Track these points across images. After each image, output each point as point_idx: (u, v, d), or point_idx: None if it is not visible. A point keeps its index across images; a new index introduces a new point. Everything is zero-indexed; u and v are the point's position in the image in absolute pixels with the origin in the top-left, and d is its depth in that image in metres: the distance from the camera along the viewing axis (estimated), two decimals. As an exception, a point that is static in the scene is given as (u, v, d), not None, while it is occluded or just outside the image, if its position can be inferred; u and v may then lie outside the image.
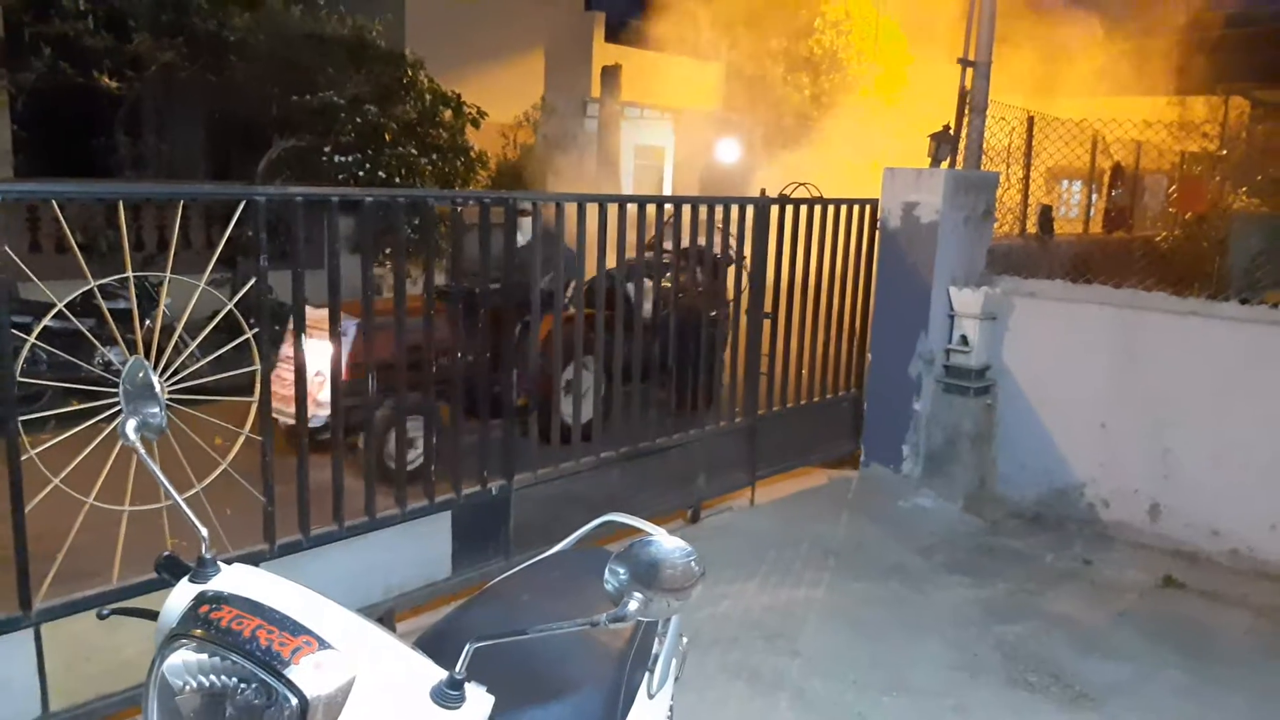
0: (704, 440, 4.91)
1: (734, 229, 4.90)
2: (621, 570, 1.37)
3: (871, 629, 3.89)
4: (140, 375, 1.63)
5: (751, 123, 21.63)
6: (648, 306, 5.28)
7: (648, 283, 5.37)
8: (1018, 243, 8.38)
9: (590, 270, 4.28)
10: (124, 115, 9.15)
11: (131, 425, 1.61)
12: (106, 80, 8.24)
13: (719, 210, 4.77)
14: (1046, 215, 10.85)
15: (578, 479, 4.35)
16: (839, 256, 5.49)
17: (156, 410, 1.63)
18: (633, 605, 1.36)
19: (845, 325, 5.65)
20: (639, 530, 2.41)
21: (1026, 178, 10.62)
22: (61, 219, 2.83)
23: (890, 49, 23.92)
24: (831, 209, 5.39)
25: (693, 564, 1.38)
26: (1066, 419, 5.22)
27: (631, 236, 4.64)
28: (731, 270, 5.53)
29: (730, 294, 5.70)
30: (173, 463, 3.03)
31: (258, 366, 3.19)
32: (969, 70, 6.25)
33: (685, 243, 4.75)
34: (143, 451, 1.60)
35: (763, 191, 5.14)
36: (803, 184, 5.45)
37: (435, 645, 1.73)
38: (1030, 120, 11.32)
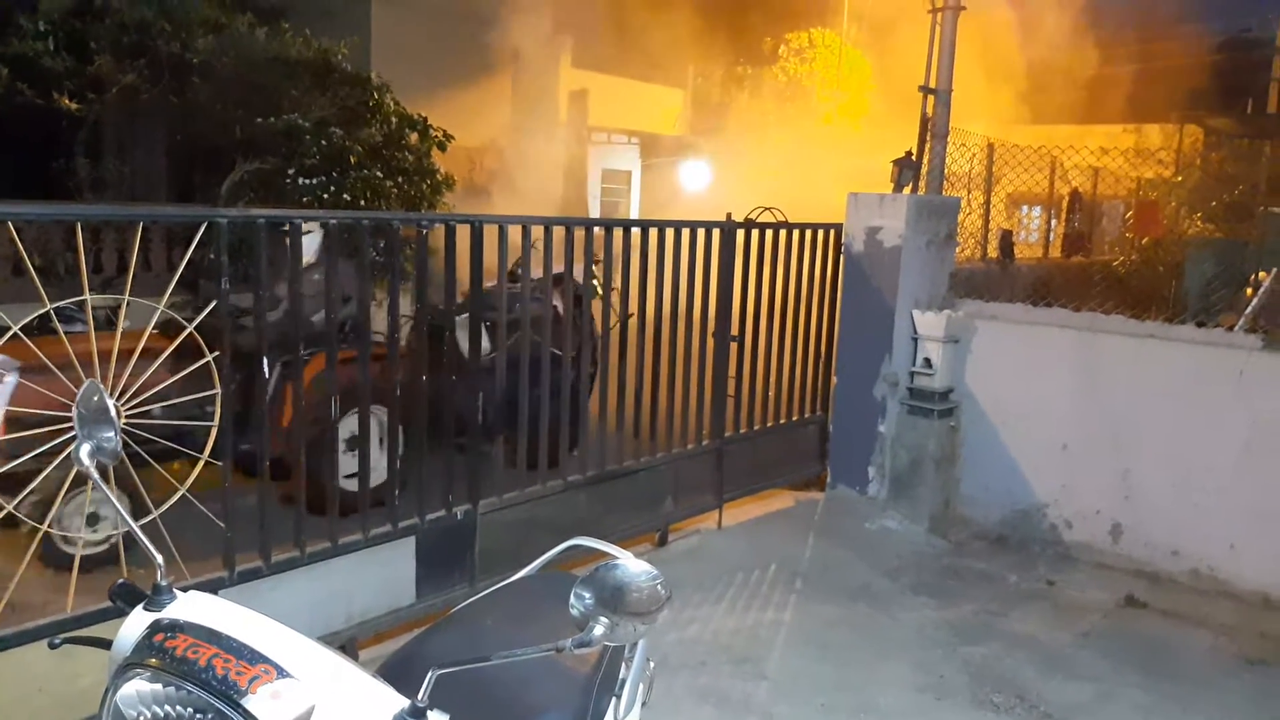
0: (671, 463, 4.91)
1: (600, 254, 4.47)
2: (587, 594, 1.36)
3: (839, 651, 3.88)
4: (95, 399, 1.60)
5: (717, 148, 21.83)
6: (486, 345, 4.56)
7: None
8: (979, 267, 8.51)
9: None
10: (84, 137, 9.04)
11: (85, 450, 1.58)
12: (66, 102, 8.13)
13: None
14: (1007, 240, 11.02)
15: (544, 503, 4.32)
16: (804, 280, 5.53)
17: (111, 435, 1.60)
18: (598, 630, 1.35)
19: (811, 348, 5.68)
20: (605, 554, 2.40)
21: (987, 203, 10.79)
22: (18, 241, 2.78)
23: (853, 76, 24.30)
24: (796, 233, 5.43)
25: (659, 587, 1.38)
26: (1028, 440, 5.28)
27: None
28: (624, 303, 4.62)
29: (603, 328, 4.98)
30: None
31: (218, 389, 3.14)
32: (930, 97, 6.36)
33: (540, 272, 4.17)
34: (97, 477, 1.56)
35: (728, 216, 5.17)
36: (768, 208, 5.49)
37: (397, 672, 1.70)
38: (990, 147, 11.53)
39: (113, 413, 1.60)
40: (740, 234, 5.16)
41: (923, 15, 6.53)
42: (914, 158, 6.22)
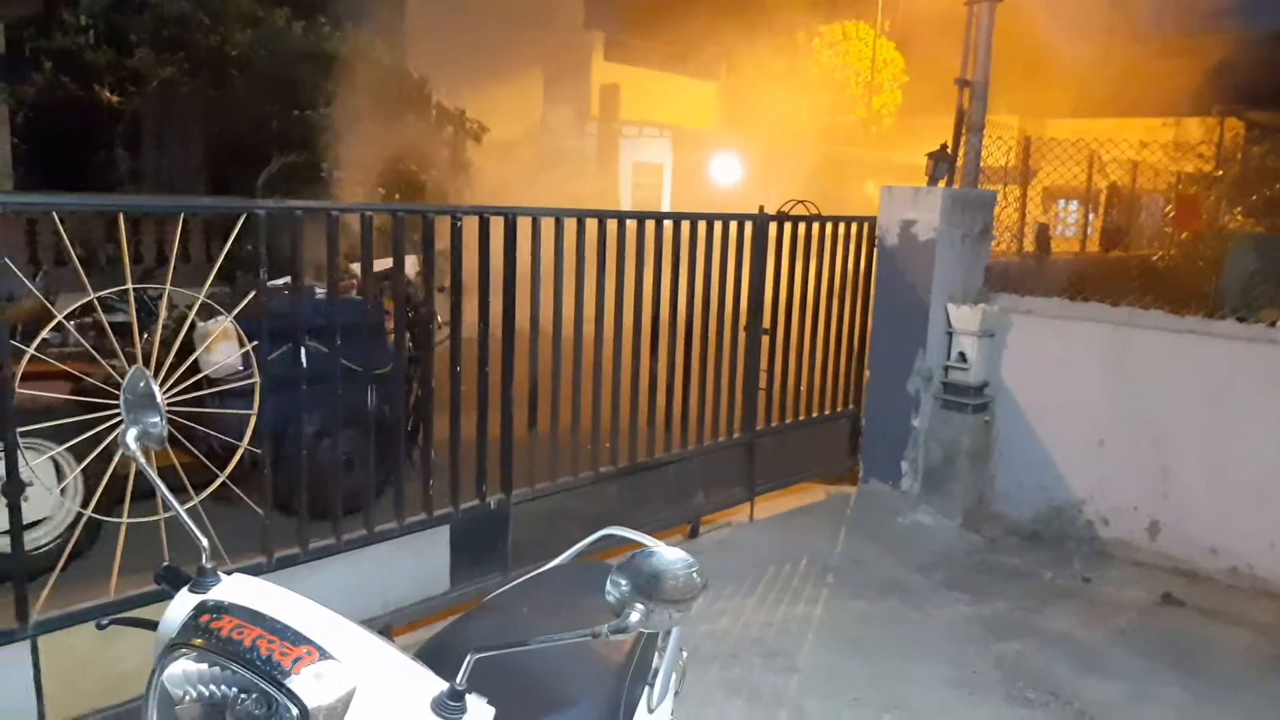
0: (702, 456, 4.91)
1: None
2: (623, 581, 1.37)
3: (870, 647, 3.87)
4: (141, 385, 1.63)
5: (749, 141, 21.75)
6: (223, 358, 4.05)
7: (220, 323, 4.06)
8: (1015, 261, 8.42)
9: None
10: (124, 129, 9.18)
11: (132, 435, 1.61)
12: (107, 94, 8.27)
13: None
14: (1044, 234, 10.90)
15: (576, 494, 4.34)
16: (837, 274, 5.50)
17: (157, 420, 1.63)
18: (634, 616, 1.36)
19: (843, 342, 5.66)
20: (638, 544, 2.41)
21: (1024, 196, 10.68)
22: (61, 231, 2.84)
23: (887, 69, 24.12)
24: (829, 226, 5.41)
25: (695, 575, 1.38)
26: (1064, 436, 5.23)
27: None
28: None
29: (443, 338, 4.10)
30: (172, 473, 3.03)
31: (256, 379, 3.19)
32: (966, 90, 6.29)
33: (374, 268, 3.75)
34: (143, 461, 1.60)
35: (761, 208, 5.16)
36: (801, 201, 5.47)
37: (435, 657, 1.72)
38: (1027, 140, 11.39)
39: (159, 398, 1.63)
40: (772, 227, 5.15)
41: (959, 7, 6.46)
42: (949, 151, 6.16)
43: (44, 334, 2.76)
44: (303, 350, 3.21)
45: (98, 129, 9.39)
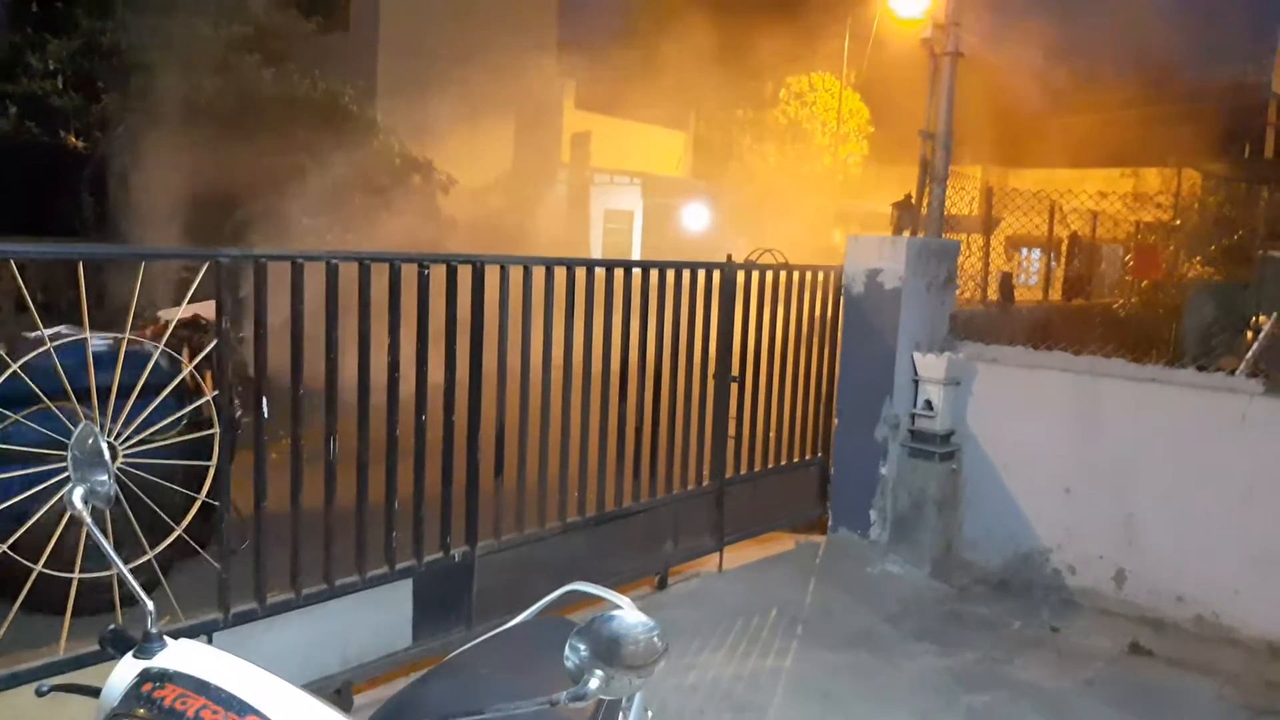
0: (671, 505, 4.88)
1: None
2: (582, 647, 1.34)
3: (841, 700, 3.83)
4: (90, 442, 1.58)
5: (718, 189, 22.01)
6: None
7: None
8: (980, 309, 8.53)
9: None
10: (90, 174, 9.12)
11: (79, 494, 1.57)
12: (73, 139, 8.22)
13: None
14: (1007, 282, 11.06)
15: (542, 544, 4.28)
16: (805, 322, 5.53)
17: (105, 479, 1.59)
18: (593, 683, 1.33)
19: (812, 389, 5.67)
20: (603, 599, 2.37)
21: (987, 245, 10.85)
22: (19, 278, 2.78)
23: (852, 119, 24.58)
24: (797, 275, 5.45)
25: (655, 639, 1.36)
26: (1030, 484, 5.25)
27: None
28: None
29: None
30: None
31: (216, 430, 3.13)
32: (930, 141, 6.41)
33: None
34: (90, 521, 1.55)
35: (729, 257, 5.19)
36: (768, 250, 5.52)
37: (391, 721, 1.68)
38: (989, 191, 11.60)
39: (107, 456, 1.59)
40: (740, 275, 5.17)
41: (923, 60, 6.61)
42: (913, 201, 6.26)
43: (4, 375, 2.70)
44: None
45: (63, 174, 9.31)
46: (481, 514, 4.00)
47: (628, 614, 1.37)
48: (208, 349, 3.15)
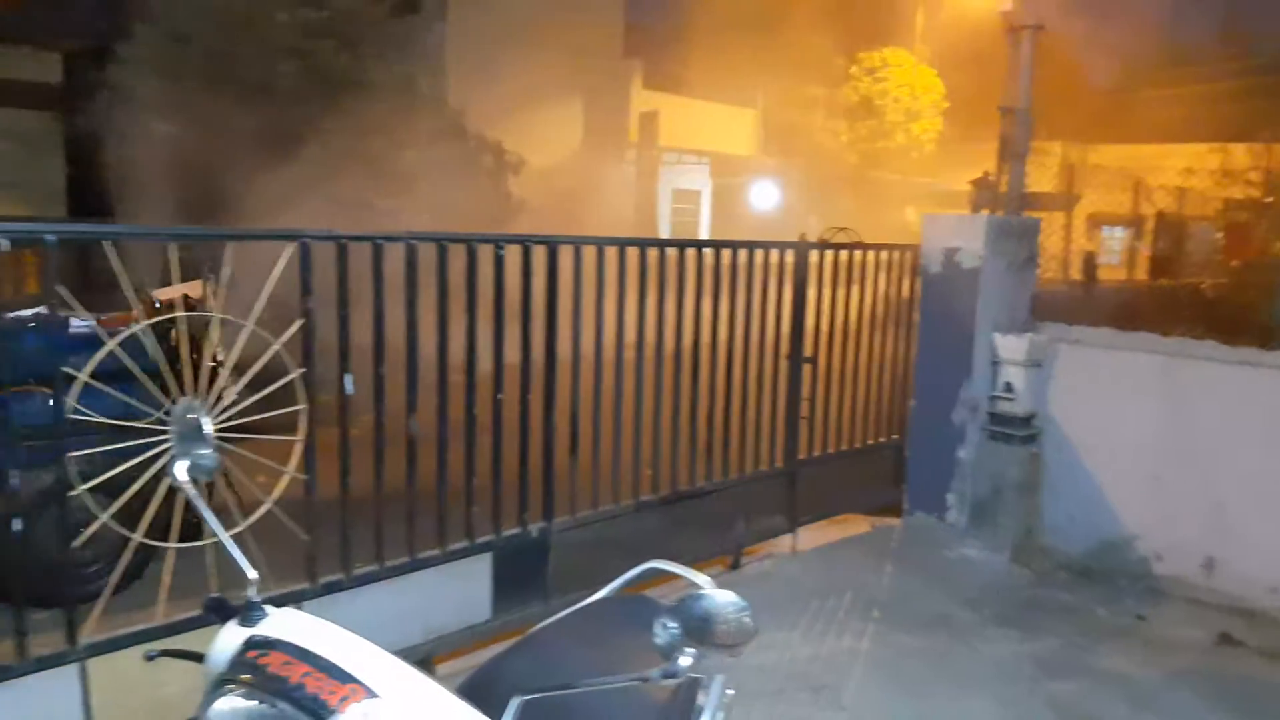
0: (744, 485, 4.86)
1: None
2: (673, 624, 1.34)
3: (918, 683, 3.78)
4: (191, 416, 1.63)
5: (787, 168, 21.76)
6: None
7: None
8: (1061, 289, 8.30)
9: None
10: (173, 159, 9.38)
11: (182, 466, 1.62)
12: (159, 124, 8.46)
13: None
14: (1090, 262, 10.73)
15: (616, 522, 4.31)
16: (879, 302, 5.45)
17: (207, 451, 1.63)
18: (684, 661, 1.32)
19: (887, 371, 5.59)
20: (680, 577, 2.37)
21: (1068, 224, 10.54)
22: (115, 260, 2.88)
23: (927, 95, 24.02)
24: (871, 254, 5.36)
25: (746, 619, 1.35)
26: (1115, 469, 5.10)
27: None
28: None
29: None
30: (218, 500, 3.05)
31: (304, 406, 3.21)
32: (1009, 116, 6.24)
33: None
34: (192, 493, 1.60)
35: (803, 236, 5.13)
36: (843, 229, 5.43)
37: (478, 693, 1.70)
38: (1071, 168, 11.25)
39: (208, 430, 1.63)
40: (814, 254, 5.11)
41: (1001, 33, 6.42)
42: (992, 178, 6.10)
43: (98, 358, 2.80)
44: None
45: (149, 159, 9.59)
46: (557, 491, 4.04)
47: (718, 593, 1.36)
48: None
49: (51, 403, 2.70)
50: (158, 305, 4.51)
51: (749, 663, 3.75)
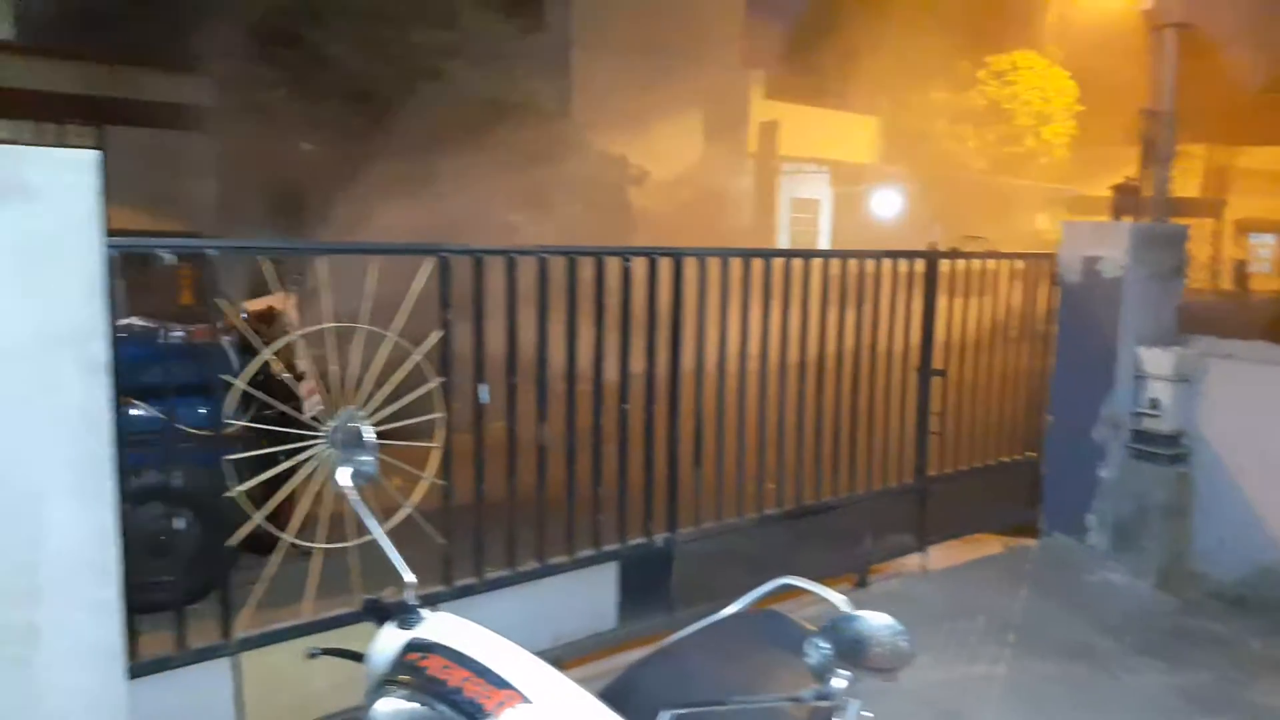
0: (871, 501, 4.77)
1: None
2: (825, 645, 1.32)
3: (1057, 713, 3.63)
4: (352, 425, 1.71)
5: (911, 175, 21.28)
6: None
7: None
8: (1209, 299, 7.84)
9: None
10: (316, 173, 9.85)
11: (344, 472, 1.69)
12: (302, 144, 8.91)
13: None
14: (1240, 270, 10.12)
15: (740, 535, 4.29)
16: (1014, 313, 5.27)
17: (368, 459, 1.70)
18: (838, 683, 1.31)
19: (1022, 385, 5.39)
20: (810, 593, 2.34)
21: (1216, 231, 9.96)
22: (271, 274, 3.04)
23: (1060, 98, 23.13)
24: (1005, 263, 5.19)
25: (902, 643, 1.32)
26: (1273, 491, 4.78)
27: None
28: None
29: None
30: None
31: (441, 414, 3.31)
32: (1152, 119, 5.95)
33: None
34: (356, 498, 1.67)
35: (932, 245, 5.01)
36: (976, 237, 5.28)
37: (619, 701, 1.71)
38: (1219, 172, 10.64)
39: (369, 437, 1.70)
40: (944, 263, 4.98)
41: (1142, 32, 6.14)
42: (1134, 183, 5.83)
43: (253, 366, 2.96)
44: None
45: (294, 174, 10.09)
46: (681, 502, 4.05)
47: (872, 615, 1.34)
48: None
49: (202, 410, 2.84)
50: (244, 317, 4.75)
51: (876, 686, 3.67)
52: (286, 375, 3.18)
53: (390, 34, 9.12)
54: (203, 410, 3.02)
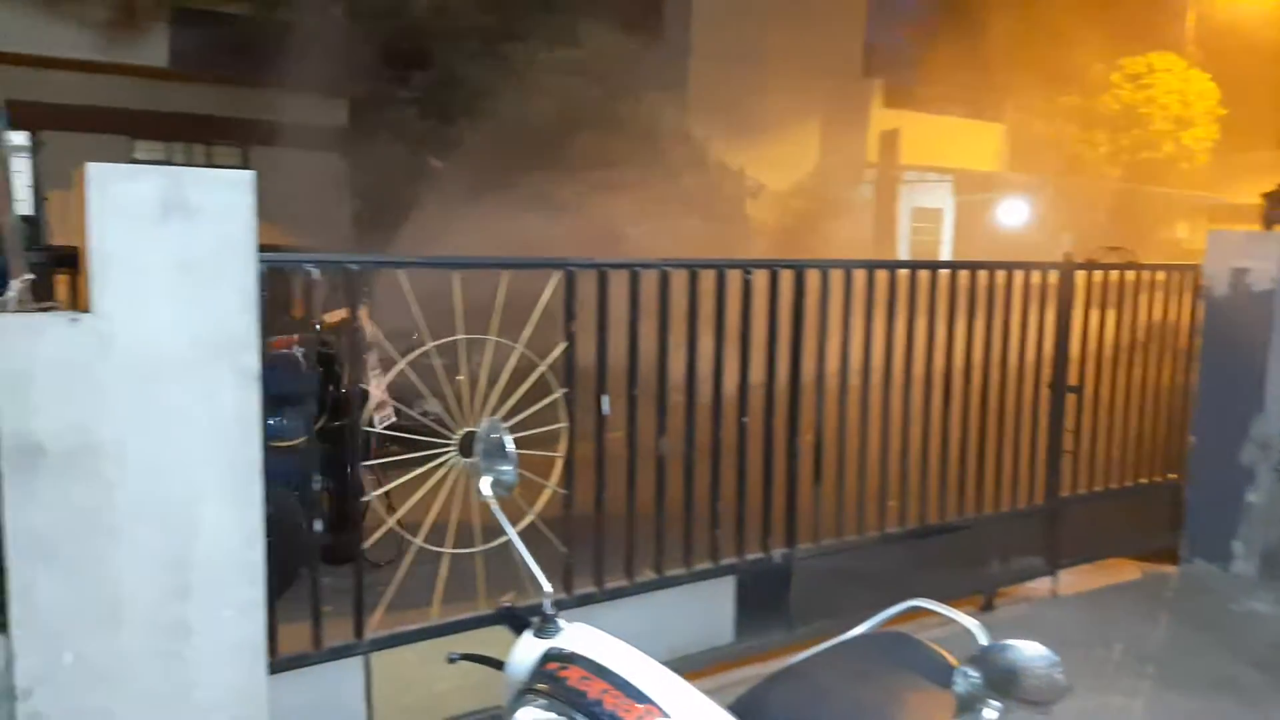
0: (999, 522, 4.61)
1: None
2: (974, 674, 1.29)
3: (1201, 750, 3.43)
4: (494, 435, 1.75)
5: (1039, 183, 20.54)
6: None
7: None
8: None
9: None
10: (443, 190, 10.18)
11: (487, 481, 1.74)
12: (431, 160, 9.23)
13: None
14: None
15: (860, 553, 4.21)
16: (1154, 327, 5.02)
17: (509, 469, 1.75)
18: (989, 714, 1.27)
19: (1162, 403, 5.13)
20: (934, 616, 2.28)
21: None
22: (407, 287, 3.15)
23: (1200, 101, 21.93)
24: (1146, 274, 4.95)
25: (1058, 675, 1.28)
26: None
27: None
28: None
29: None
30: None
31: (565, 424, 3.37)
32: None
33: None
34: (496, 506, 1.71)
35: (1067, 255, 4.82)
36: (1116, 248, 5.06)
37: (749, 717, 1.71)
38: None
39: (510, 448, 1.75)
40: (1079, 275, 4.79)
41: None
42: (1290, 190, 5.49)
43: (391, 374, 3.07)
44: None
45: (423, 189, 10.44)
46: (800, 517, 4.01)
47: (1025, 644, 1.30)
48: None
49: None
50: (318, 328, 4.90)
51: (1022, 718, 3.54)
52: (372, 385, 3.26)
53: (517, 52, 9.36)
54: (284, 420, 3.14)
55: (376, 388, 3.03)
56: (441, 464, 3.16)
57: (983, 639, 1.77)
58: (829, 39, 16.86)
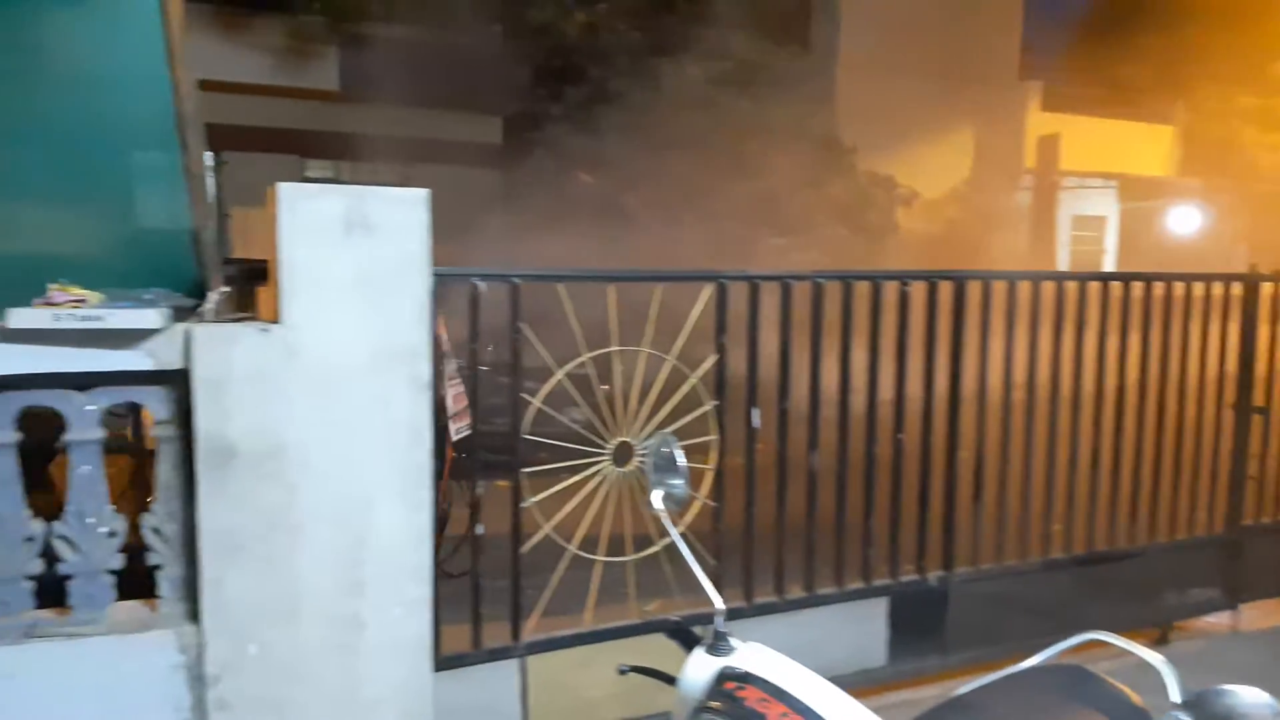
0: (1173, 551, 4.33)
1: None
2: (1186, 718, 1.21)
3: None
4: (666, 450, 1.77)
5: (1213, 189, 19.22)
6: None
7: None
8: None
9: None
10: (595, 206, 10.37)
11: (657, 495, 1.76)
12: (581, 176, 9.43)
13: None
14: None
15: (1021, 579, 4.03)
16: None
17: (680, 483, 1.76)
18: None
19: (1364, 428, 4.70)
20: (1108, 648, 2.15)
21: None
22: (566, 300, 3.22)
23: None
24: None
25: None
26: None
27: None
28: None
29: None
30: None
31: (714, 437, 3.37)
32: None
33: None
34: (668, 521, 1.73)
35: (1253, 267, 4.49)
36: (1308, 260, 4.67)
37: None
38: None
39: (681, 463, 1.76)
40: (1268, 287, 4.45)
41: None
42: None
43: (548, 387, 3.15)
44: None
45: (572, 207, 10.67)
46: (958, 539, 3.87)
47: (1244, 690, 1.22)
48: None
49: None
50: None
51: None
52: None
53: (667, 67, 9.47)
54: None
55: (454, 399, 3.11)
56: (595, 473, 3.21)
57: (1171, 679, 1.66)
58: (982, 43, 16.27)
